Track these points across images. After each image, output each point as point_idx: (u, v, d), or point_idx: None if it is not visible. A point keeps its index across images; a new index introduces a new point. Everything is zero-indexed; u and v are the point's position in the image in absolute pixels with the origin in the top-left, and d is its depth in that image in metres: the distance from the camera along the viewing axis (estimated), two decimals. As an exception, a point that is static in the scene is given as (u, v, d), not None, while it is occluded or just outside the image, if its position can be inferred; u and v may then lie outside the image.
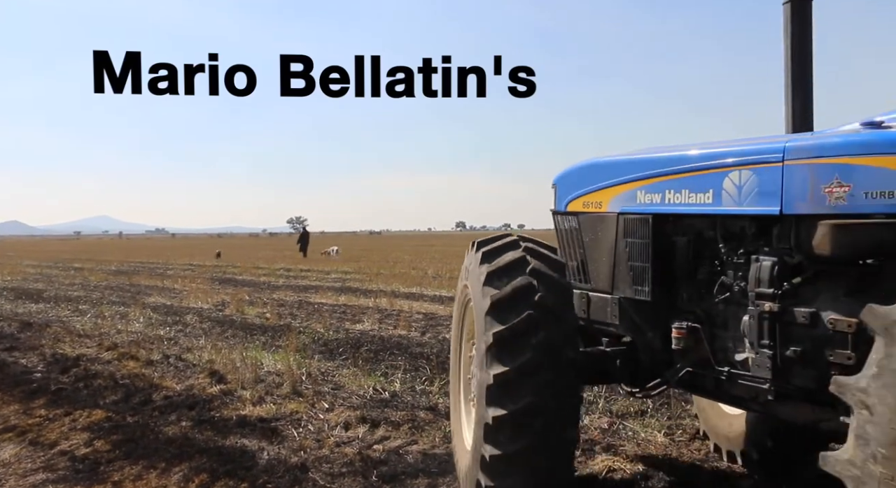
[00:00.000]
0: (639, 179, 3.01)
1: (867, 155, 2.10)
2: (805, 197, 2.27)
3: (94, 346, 8.29)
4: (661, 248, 2.94)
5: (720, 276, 2.75)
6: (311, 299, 13.82)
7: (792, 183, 2.31)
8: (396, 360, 7.12)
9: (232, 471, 3.92)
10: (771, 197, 2.38)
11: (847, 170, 2.13)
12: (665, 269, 2.95)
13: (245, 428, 4.76)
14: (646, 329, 3.06)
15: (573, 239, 3.53)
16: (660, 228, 2.94)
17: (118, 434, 4.70)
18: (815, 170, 2.23)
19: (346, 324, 10.13)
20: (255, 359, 7.04)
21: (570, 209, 3.54)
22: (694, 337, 2.77)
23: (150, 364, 7.13)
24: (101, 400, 5.68)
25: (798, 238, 2.37)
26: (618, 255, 3.13)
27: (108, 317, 11.23)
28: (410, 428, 4.64)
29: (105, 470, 4.05)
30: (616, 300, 3.14)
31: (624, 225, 3.08)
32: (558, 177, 3.72)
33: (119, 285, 18.57)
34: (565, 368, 2.73)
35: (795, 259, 2.40)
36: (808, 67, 3.02)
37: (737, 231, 2.70)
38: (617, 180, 3.16)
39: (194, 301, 13.55)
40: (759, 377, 2.45)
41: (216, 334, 9.24)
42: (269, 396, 5.58)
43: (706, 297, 2.83)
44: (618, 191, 3.14)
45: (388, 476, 3.82)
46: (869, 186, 2.06)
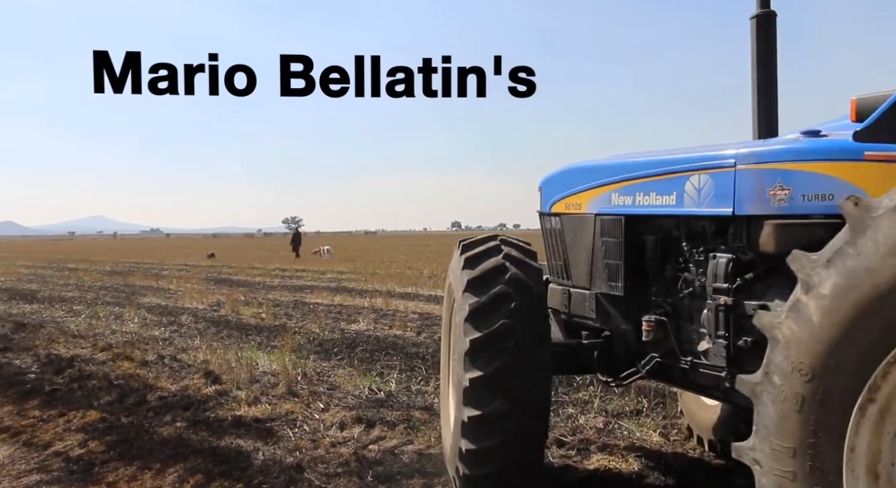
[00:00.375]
0: (613, 183, 3.25)
1: (804, 161, 2.34)
2: (753, 199, 2.50)
3: (88, 347, 8.26)
4: (633, 247, 3.17)
5: (684, 273, 2.96)
6: (307, 299, 13.80)
7: (742, 186, 2.54)
8: (392, 360, 7.12)
9: (227, 472, 3.91)
10: (725, 199, 2.61)
11: (788, 175, 2.37)
12: (636, 266, 3.17)
13: (240, 429, 4.75)
14: (620, 322, 3.27)
15: (556, 239, 3.75)
16: (631, 228, 3.16)
17: (113, 434, 4.69)
18: (761, 175, 2.46)
19: (341, 324, 10.12)
20: (251, 359, 7.02)
21: (553, 210, 3.76)
22: (662, 329, 2.99)
23: (145, 364, 7.11)
24: (96, 400, 5.66)
25: (749, 237, 2.58)
26: (595, 254, 3.35)
27: (102, 317, 11.20)
28: (406, 428, 4.64)
29: (99, 471, 4.04)
30: (593, 295, 3.37)
31: (600, 225, 3.30)
32: (544, 180, 3.92)
33: (113, 285, 18.51)
34: (536, 371, 2.93)
35: (748, 256, 2.59)
36: (773, 77, 3.23)
37: (698, 230, 2.91)
38: (594, 183, 3.38)
39: (189, 301, 13.51)
40: (717, 366, 2.66)
41: (211, 334, 9.22)
42: (264, 396, 5.57)
43: (672, 292, 3.04)
44: (595, 193, 3.37)
45: (383, 476, 3.82)
46: (806, 190, 2.32)
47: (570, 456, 4.14)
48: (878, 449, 1.67)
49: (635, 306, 3.16)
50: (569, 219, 3.60)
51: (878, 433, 1.66)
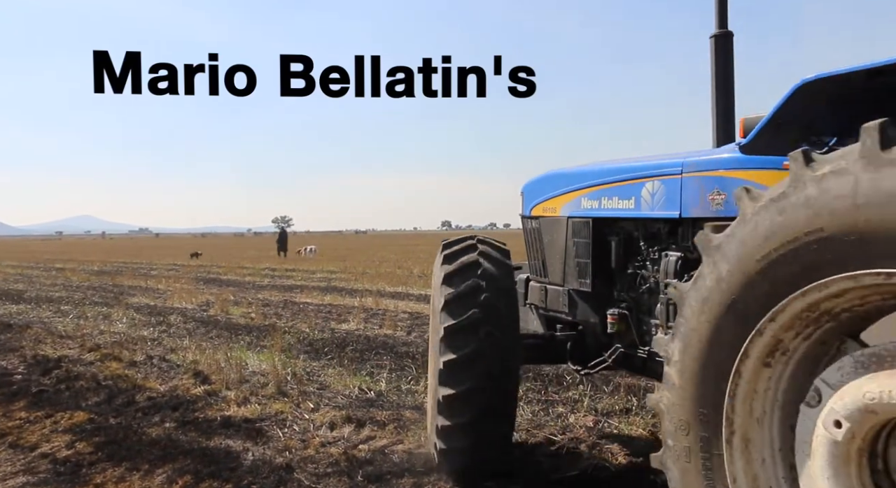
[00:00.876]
0: (583, 188, 3.58)
1: (737, 169, 2.64)
2: (697, 203, 2.80)
3: (76, 347, 8.19)
4: (599, 247, 3.47)
5: (642, 270, 3.27)
6: (297, 299, 13.77)
7: (687, 192, 2.86)
8: (382, 360, 7.11)
9: (216, 473, 3.89)
10: (673, 203, 2.93)
11: (724, 181, 2.66)
12: (603, 265, 3.47)
13: (229, 429, 4.73)
14: (589, 316, 3.59)
15: (535, 240, 4.10)
16: (598, 230, 3.48)
17: (100, 436, 4.65)
18: (702, 182, 2.77)
19: (331, 323, 10.10)
20: (240, 359, 6.98)
21: (533, 214, 4.10)
22: (624, 322, 3.30)
23: (134, 365, 7.06)
24: (84, 401, 5.62)
25: (694, 237, 2.77)
26: (567, 253, 3.68)
27: (90, 317, 11.11)
28: (396, 428, 4.63)
29: (87, 473, 4.01)
30: (566, 291, 3.70)
31: (572, 227, 3.64)
32: (525, 185, 4.27)
33: (102, 285, 18.38)
34: (504, 355, 3.28)
35: (695, 254, 2.88)
36: (731, 91, 3.56)
37: (653, 232, 3.21)
38: (567, 189, 3.72)
39: (178, 301, 13.44)
40: None
41: (200, 334, 9.18)
42: (253, 396, 5.54)
43: (633, 288, 3.34)
44: (568, 198, 3.71)
45: (373, 476, 3.81)
46: None
47: (561, 454, 4.15)
48: (755, 475, 1.74)
49: (602, 301, 3.48)
50: (545, 221, 3.93)
51: (749, 460, 1.73)
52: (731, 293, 1.71)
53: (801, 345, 1.67)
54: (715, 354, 1.77)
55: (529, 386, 5.72)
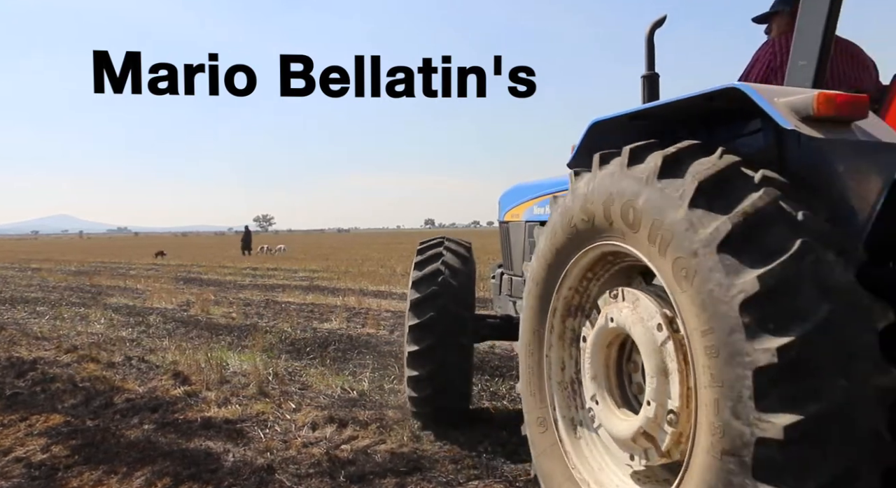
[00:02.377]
0: (535, 197, 4.34)
1: None
2: None
3: (52, 349, 8.06)
4: None
5: None
6: (278, 298, 13.67)
7: None
8: (364, 359, 7.08)
9: (196, 474, 3.84)
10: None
11: None
12: None
13: (210, 430, 4.68)
14: None
15: (506, 240, 4.90)
16: None
17: (77, 438, 4.57)
18: None
19: (313, 323, 10.03)
20: (221, 359, 6.91)
21: (505, 219, 4.90)
22: None
23: (112, 366, 6.96)
24: (60, 404, 5.52)
25: None
26: (525, 249, 4.37)
27: (67, 318, 10.94)
28: (379, 428, 4.60)
29: (63, 477, 3.93)
30: (523, 280, 4.23)
31: (527, 229, 4.31)
32: (500, 196, 5.07)
33: (79, 286, 18.11)
34: (457, 322, 4.32)
35: None
36: None
37: None
38: (527, 198, 4.48)
39: (158, 301, 13.28)
40: None
41: (180, 335, 9.07)
42: (234, 397, 5.49)
43: None
44: (527, 206, 4.46)
45: (355, 476, 3.78)
46: None
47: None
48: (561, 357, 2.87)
49: None
50: (513, 225, 4.72)
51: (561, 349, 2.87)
52: (554, 247, 2.71)
53: (594, 287, 2.72)
54: (544, 288, 2.82)
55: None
